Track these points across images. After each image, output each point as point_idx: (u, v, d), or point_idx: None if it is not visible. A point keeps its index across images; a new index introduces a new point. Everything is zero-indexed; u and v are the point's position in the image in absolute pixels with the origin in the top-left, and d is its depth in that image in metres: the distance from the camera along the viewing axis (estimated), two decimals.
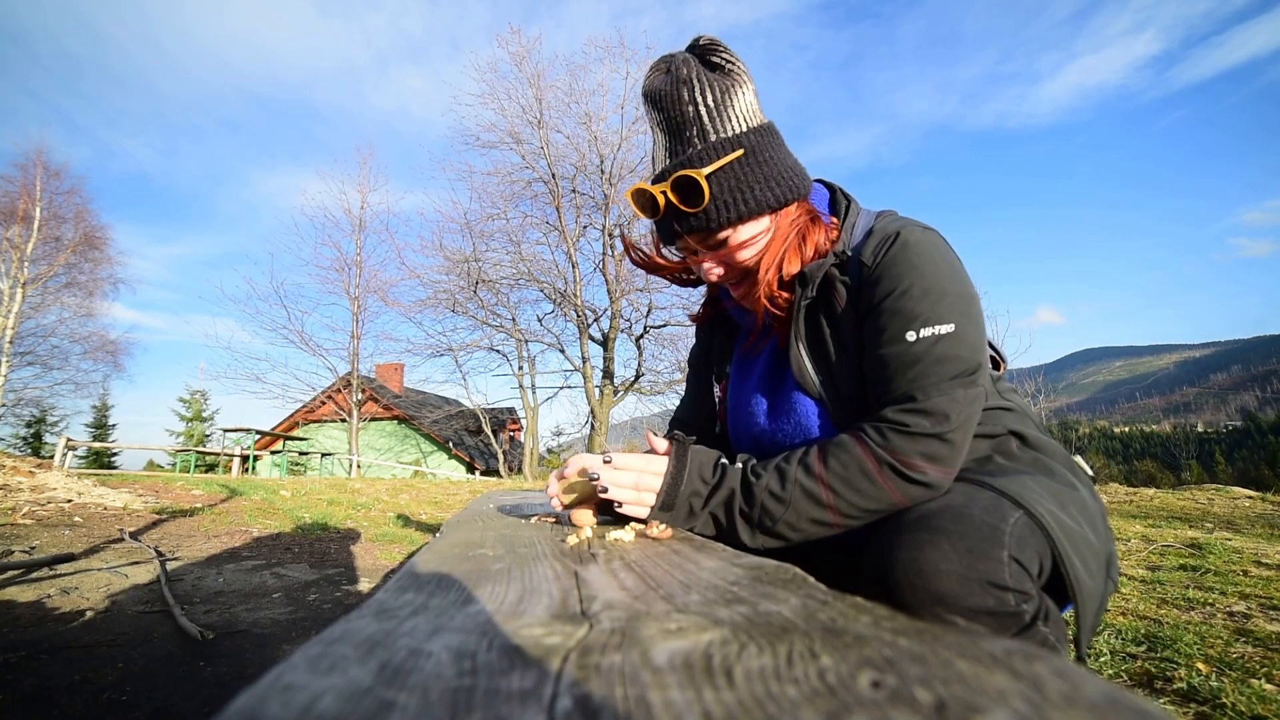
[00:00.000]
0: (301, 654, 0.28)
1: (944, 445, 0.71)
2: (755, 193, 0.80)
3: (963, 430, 0.73)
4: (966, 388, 0.73)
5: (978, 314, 0.77)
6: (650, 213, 0.84)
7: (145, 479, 6.24)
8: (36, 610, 2.10)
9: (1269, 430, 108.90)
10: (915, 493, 0.71)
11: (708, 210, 0.80)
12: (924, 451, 0.71)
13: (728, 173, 0.79)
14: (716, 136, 0.78)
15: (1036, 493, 0.70)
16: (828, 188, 0.94)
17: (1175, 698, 1.29)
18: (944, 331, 0.73)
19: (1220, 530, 3.65)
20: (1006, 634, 0.62)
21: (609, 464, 0.80)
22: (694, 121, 0.78)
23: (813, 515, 0.73)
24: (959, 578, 0.60)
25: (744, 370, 0.99)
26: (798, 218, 0.85)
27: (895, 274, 0.76)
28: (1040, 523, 0.66)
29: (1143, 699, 0.20)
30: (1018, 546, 0.63)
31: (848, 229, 0.86)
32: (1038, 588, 0.65)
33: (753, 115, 0.81)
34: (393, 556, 3.38)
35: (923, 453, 0.71)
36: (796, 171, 0.84)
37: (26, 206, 17.93)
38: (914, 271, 0.75)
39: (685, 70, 0.78)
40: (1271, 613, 1.85)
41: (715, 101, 0.78)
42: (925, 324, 0.74)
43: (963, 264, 0.81)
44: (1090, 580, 0.69)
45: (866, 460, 0.72)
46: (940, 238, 0.81)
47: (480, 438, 19.86)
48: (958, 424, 0.72)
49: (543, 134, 14.48)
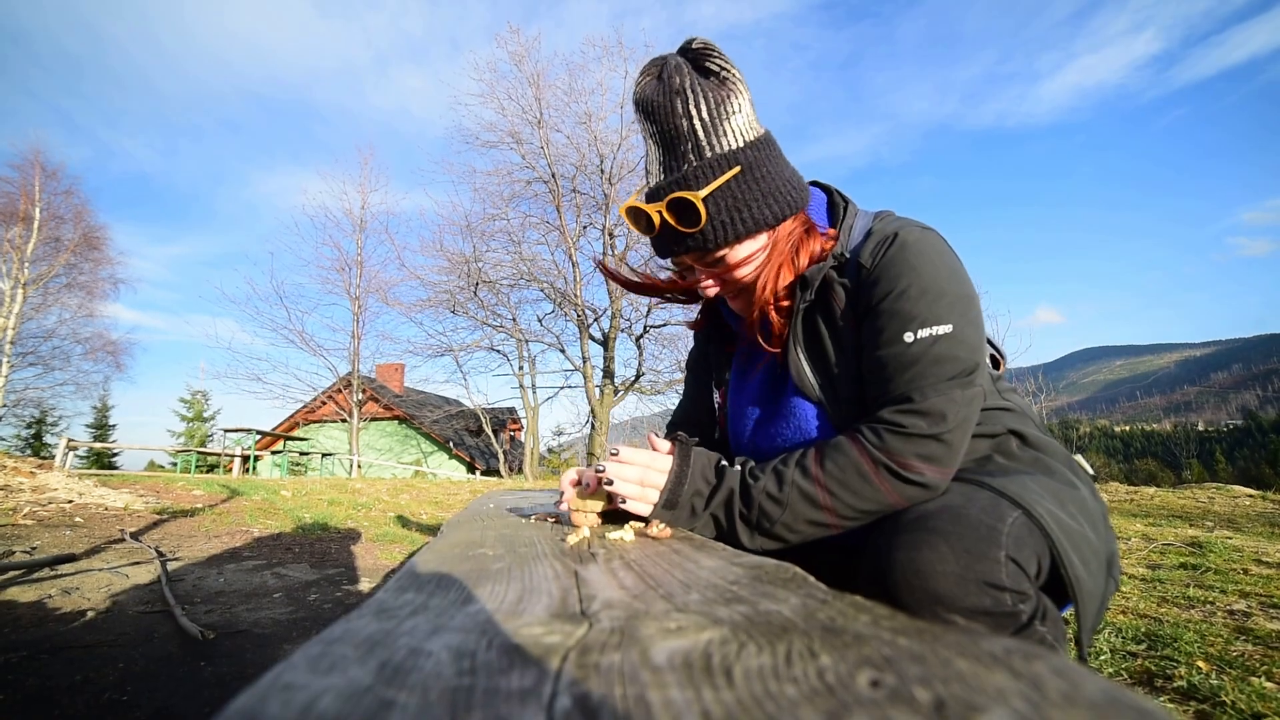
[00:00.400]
0: (302, 653, 0.28)
1: (941, 446, 0.71)
2: (753, 211, 0.79)
3: (960, 431, 0.72)
4: (964, 388, 0.72)
5: (976, 314, 0.77)
6: (646, 230, 0.83)
7: (146, 479, 6.24)
8: (38, 610, 2.10)
9: (1270, 429, 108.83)
10: (912, 493, 0.71)
11: (704, 231, 0.79)
12: (920, 452, 0.71)
13: (724, 192, 0.77)
14: (712, 153, 0.76)
15: (1036, 492, 0.70)
16: (824, 190, 0.93)
17: (1175, 696, 1.29)
18: (941, 332, 0.73)
19: (1221, 529, 3.65)
20: (1004, 633, 0.62)
21: (615, 456, 0.80)
22: (688, 136, 0.76)
23: (810, 517, 0.73)
24: (956, 578, 0.60)
25: (742, 376, 0.99)
26: (794, 230, 0.84)
27: (893, 275, 0.76)
28: (1039, 522, 0.66)
29: (1143, 697, 0.20)
30: (1015, 547, 0.62)
31: (845, 231, 0.85)
32: (1035, 587, 0.65)
33: (749, 128, 0.79)
34: (393, 556, 3.38)
35: (919, 453, 0.71)
36: (794, 184, 0.83)
37: (26, 207, 17.93)
38: (912, 272, 0.75)
39: (678, 79, 0.76)
40: (1272, 611, 1.85)
41: (710, 114, 0.76)
42: (923, 325, 0.73)
43: (962, 264, 0.80)
44: (1090, 580, 0.68)
45: (863, 461, 0.72)
46: (939, 237, 0.81)
47: (481, 438, 19.86)
48: (955, 424, 0.71)
49: (542, 133, 14.48)
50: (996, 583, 0.60)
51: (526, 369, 15.98)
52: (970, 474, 0.77)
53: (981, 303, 0.82)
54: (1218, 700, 1.23)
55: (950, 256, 0.79)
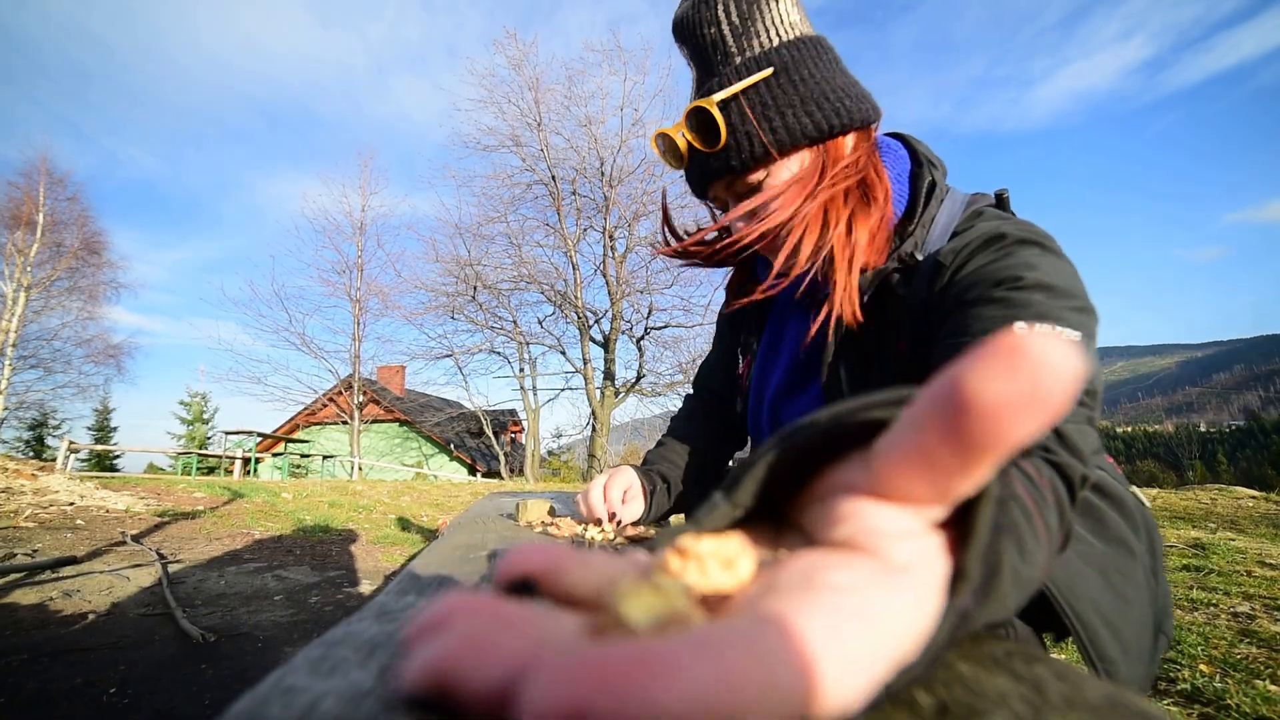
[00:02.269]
0: (303, 656, 0.28)
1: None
2: (785, 119, 0.62)
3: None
4: (1086, 422, 0.47)
5: (1095, 335, 0.55)
6: (675, 161, 0.70)
7: (147, 482, 6.25)
8: (39, 613, 2.10)
9: (1272, 430, 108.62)
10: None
11: (727, 146, 0.64)
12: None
13: (751, 97, 0.63)
14: (742, 58, 0.64)
15: (1075, 570, 0.53)
16: (908, 147, 0.71)
17: (1179, 699, 1.28)
18: (1067, 335, 0.49)
19: (1223, 530, 3.64)
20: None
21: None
22: (718, 44, 0.64)
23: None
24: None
25: (773, 351, 0.83)
26: (856, 159, 0.64)
27: (996, 268, 0.55)
28: (1071, 627, 0.51)
29: (1144, 701, 0.20)
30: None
31: (925, 223, 0.64)
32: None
33: (789, 27, 0.64)
34: (394, 559, 3.38)
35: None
36: (851, 93, 0.64)
37: (30, 212, 18.01)
38: (1028, 268, 0.54)
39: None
40: (1276, 613, 1.84)
41: (741, 16, 0.63)
42: (1041, 318, 0.50)
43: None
44: (1126, 662, 0.54)
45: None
46: (1062, 251, 0.58)
47: (482, 440, 19.85)
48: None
49: (542, 136, 14.51)
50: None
51: (527, 371, 15.99)
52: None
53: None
54: (1222, 703, 1.22)
55: (1077, 271, 0.57)
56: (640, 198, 14.17)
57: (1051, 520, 0.31)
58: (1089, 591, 0.53)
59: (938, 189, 0.66)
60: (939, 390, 0.15)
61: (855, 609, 0.15)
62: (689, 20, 0.66)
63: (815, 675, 0.13)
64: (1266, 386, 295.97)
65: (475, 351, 15.61)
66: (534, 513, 0.87)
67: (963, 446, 0.15)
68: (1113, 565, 0.56)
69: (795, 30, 0.65)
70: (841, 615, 0.15)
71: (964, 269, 0.57)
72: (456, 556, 0.62)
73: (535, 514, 0.87)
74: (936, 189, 0.66)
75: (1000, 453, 0.15)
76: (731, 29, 0.64)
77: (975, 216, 0.63)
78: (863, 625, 0.15)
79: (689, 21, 0.66)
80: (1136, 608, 0.56)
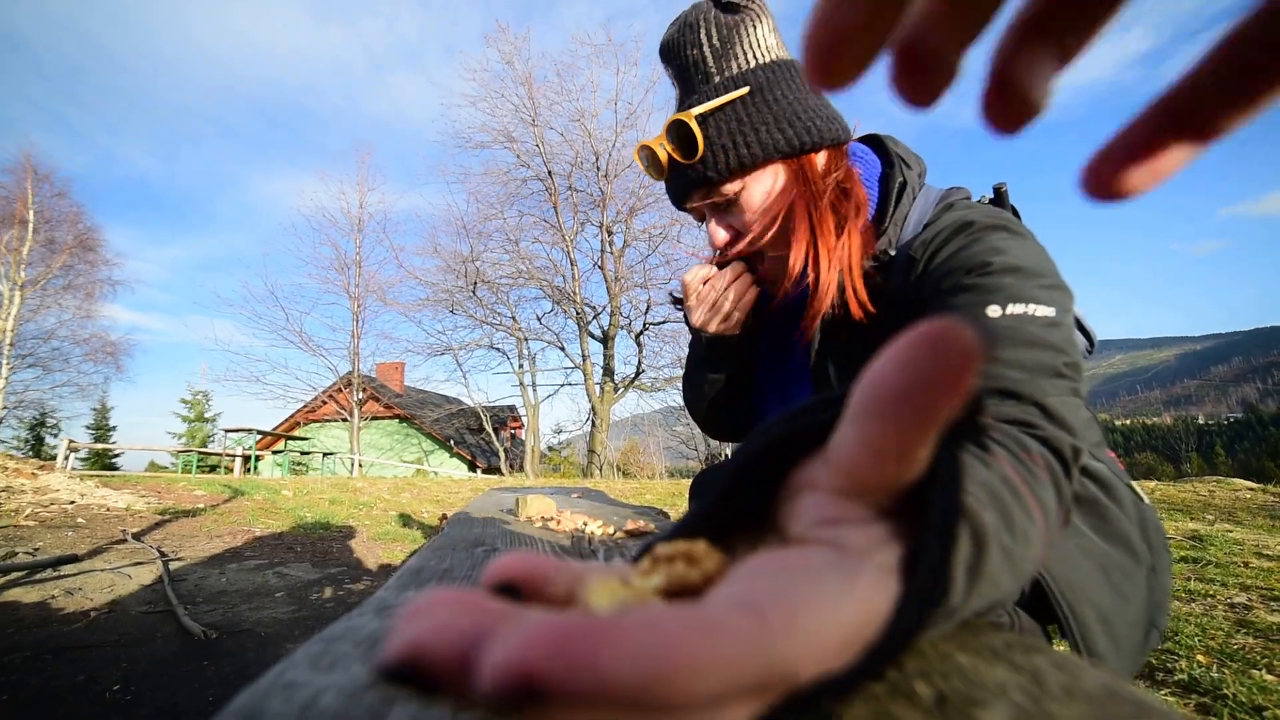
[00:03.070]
0: (303, 651, 0.28)
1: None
2: (759, 135, 0.67)
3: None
4: (1072, 394, 0.48)
5: (1072, 314, 0.56)
6: (656, 173, 0.74)
7: (147, 480, 6.25)
8: (41, 611, 2.11)
9: (1270, 422, 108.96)
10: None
11: (704, 159, 0.68)
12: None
13: (728, 114, 0.67)
14: (721, 77, 0.69)
15: (1074, 563, 0.55)
16: (877, 150, 0.75)
17: (1176, 689, 1.29)
18: (1041, 313, 0.51)
19: (1221, 522, 3.66)
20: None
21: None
22: (699, 65, 0.69)
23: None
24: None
25: (776, 350, 0.85)
26: (834, 174, 0.68)
27: (967, 255, 0.57)
28: (1067, 626, 0.53)
29: (1142, 691, 0.20)
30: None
31: (897, 221, 0.68)
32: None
33: (765, 50, 0.69)
34: (394, 555, 3.39)
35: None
36: (824, 114, 0.69)
37: (20, 210, 17.91)
38: (995, 253, 0.56)
39: (694, 15, 0.70)
40: (1272, 604, 1.85)
41: (722, 39, 0.68)
42: (1014, 300, 0.52)
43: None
44: (1117, 655, 0.56)
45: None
46: (1030, 233, 0.61)
47: (481, 436, 19.87)
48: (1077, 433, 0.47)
49: (537, 132, 14.46)
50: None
51: (526, 367, 15.99)
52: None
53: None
54: (1219, 693, 1.23)
55: (1046, 251, 0.59)
56: (637, 191, 14.14)
57: (1045, 496, 0.31)
58: (1088, 588, 0.54)
59: (909, 187, 0.70)
60: (859, 386, 0.17)
61: (803, 589, 0.16)
62: (674, 43, 0.72)
63: (761, 647, 0.14)
64: (1265, 379, 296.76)
65: (474, 347, 15.62)
66: (534, 508, 0.88)
67: (890, 432, 0.17)
68: (1113, 563, 0.58)
69: (771, 54, 0.70)
70: (790, 595, 0.15)
71: (935, 258, 0.60)
72: (456, 552, 0.62)
73: (535, 509, 0.88)
74: (908, 188, 0.70)
75: (924, 434, 0.17)
76: (713, 50, 0.69)
77: (946, 209, 0.66)
78: (809, 603, 0.16)
79: (674, 44, 0.72)
80: (1133, 605, 0.58)
